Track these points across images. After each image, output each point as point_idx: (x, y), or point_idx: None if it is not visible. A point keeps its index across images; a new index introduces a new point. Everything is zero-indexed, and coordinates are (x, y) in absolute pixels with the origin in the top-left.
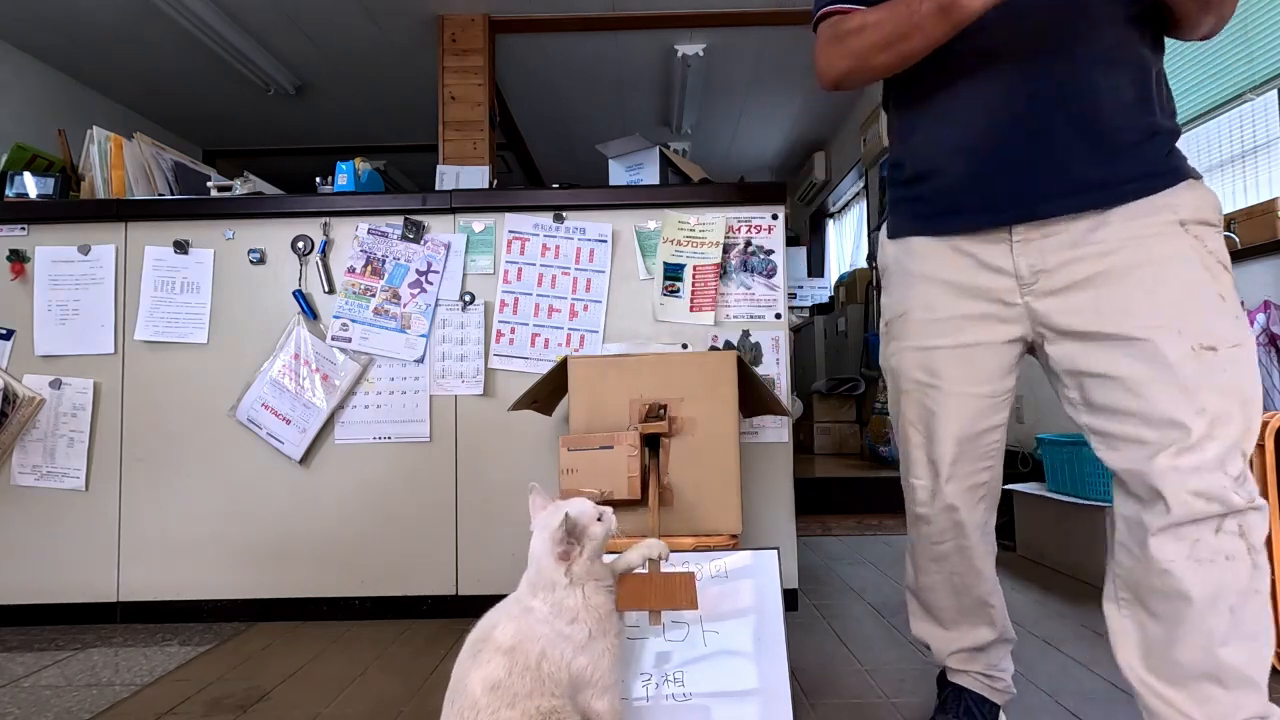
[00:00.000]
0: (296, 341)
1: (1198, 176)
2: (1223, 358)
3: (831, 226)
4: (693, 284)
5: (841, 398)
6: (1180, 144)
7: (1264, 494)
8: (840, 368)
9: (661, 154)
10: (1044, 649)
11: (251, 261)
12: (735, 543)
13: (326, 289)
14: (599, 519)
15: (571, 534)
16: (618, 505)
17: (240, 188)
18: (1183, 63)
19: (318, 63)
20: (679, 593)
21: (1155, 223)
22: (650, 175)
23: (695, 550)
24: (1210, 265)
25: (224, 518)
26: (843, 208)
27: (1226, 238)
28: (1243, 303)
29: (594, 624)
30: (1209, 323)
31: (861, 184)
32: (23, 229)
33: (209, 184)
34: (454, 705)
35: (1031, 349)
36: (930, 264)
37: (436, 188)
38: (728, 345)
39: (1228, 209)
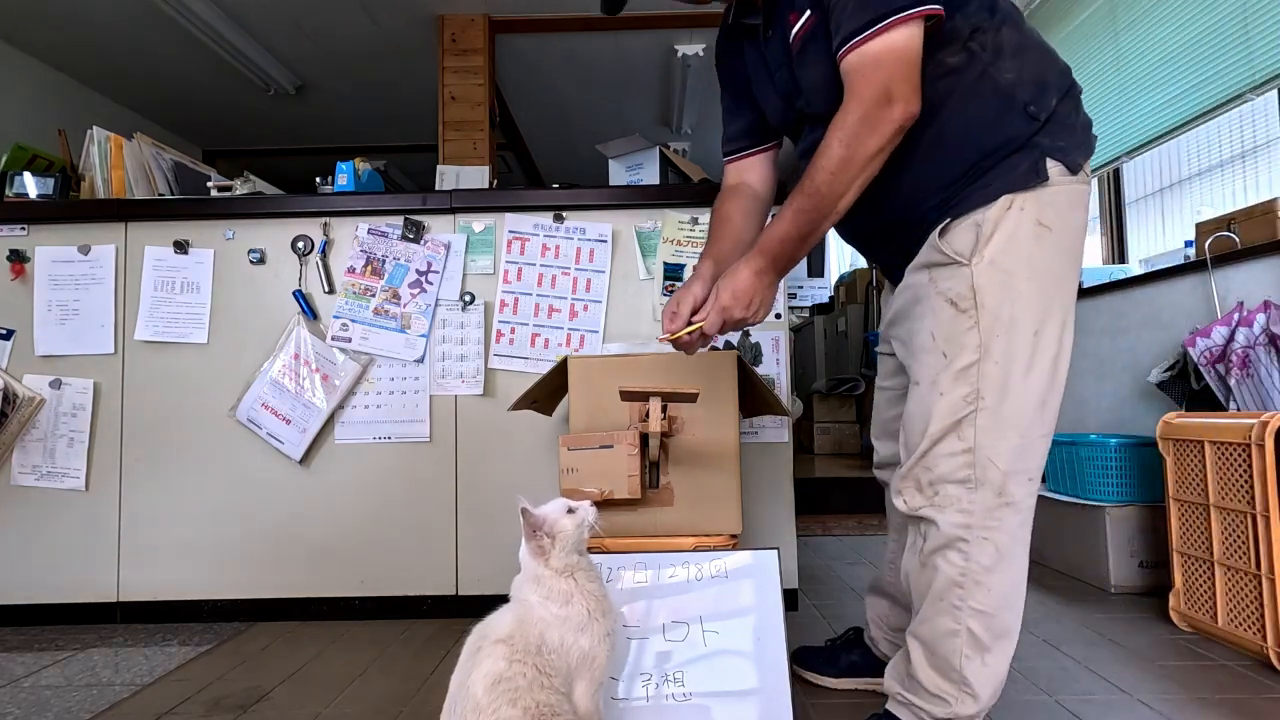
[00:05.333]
0: (296, 341)
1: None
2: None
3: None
4: None
5: (841, 398)
6: (1179, 144)
7: (1264, 493)
8: (840, 368)
9: (661, 154)
10: (1044, 649)
11: (251, 261)
12: (735, 543)
13: (326, 289)
14: (569, 511)
15: (537, 529)
16: (618, 505)
17: (240, 188)
18: (1183, 63)
19: (318, 63)
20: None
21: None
22: (650, 175)
23: (695, 550)
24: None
25: (224, 518)
26: None
27: (1226, 238)
28: (1242, 303)
29: (592, 605)
30: None
31: None
32: (23, 229)
33: (209, 184)
34: (455, 710)
35: None
36: None
37: (436, 188)
38: (728, 345)
39: (1228, 209)
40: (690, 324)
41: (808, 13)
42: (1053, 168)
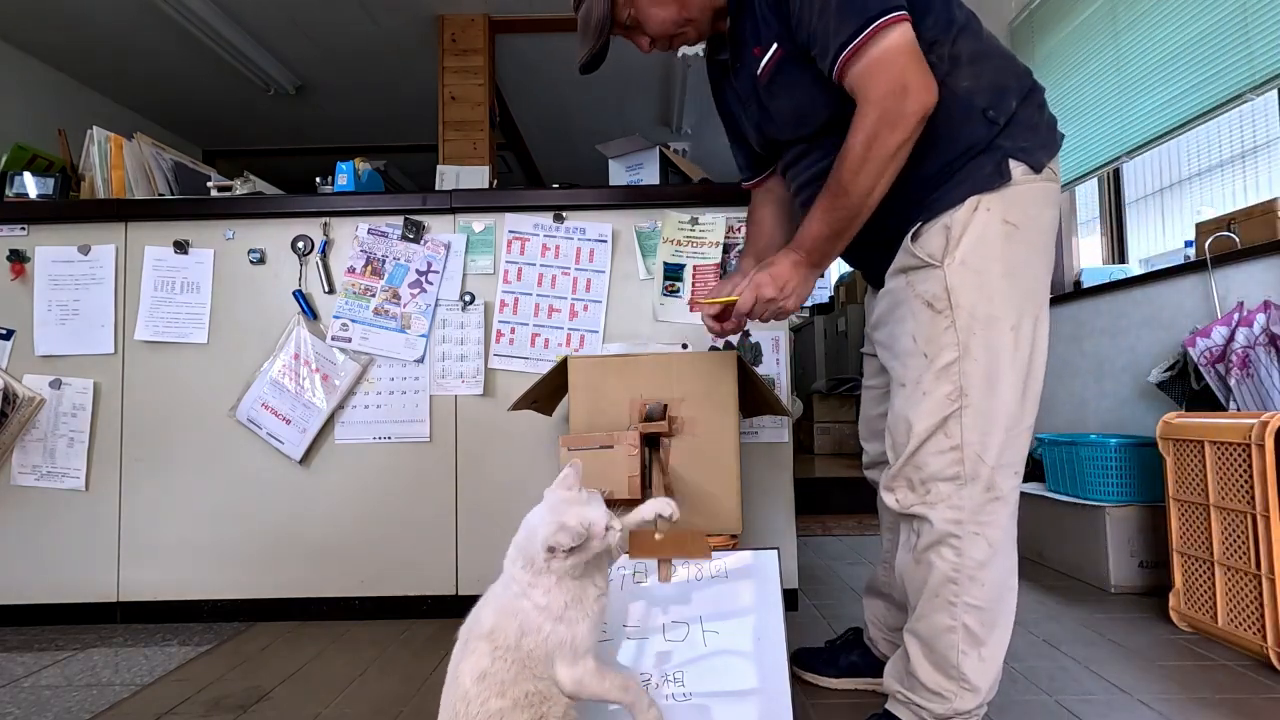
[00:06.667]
0: (296, 341)
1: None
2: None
3: None
4: (693, 284)
5: (841, 398)
6: (1179, 144)
7: (1264, 493)
8: (840, 368)
9: (661, 154)
10: (1044, 649)
11: (251, 261)
12: (735, 543)
13: (326, 289)
14: (605, 531)
15: (575, 541)
16: (618, 505)
17: (240, 188)
18: (1183, 63)
19: (318, 63)
20: (690, 544)
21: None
22: (650, 175)
23: None
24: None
25: (224, 518)
26: None
27: (1226, 238)
28: (1242, 303)
29: (568, 596)
30: None
31: None
32: (23, 229)
33: (209, 184)
34: (448, 697)
35: None
36: None
37: (436, 188)
38: (728, 345)
39: (1228, 209)
40: (727, 297)
41: (774, 46)
42: (1016, 168)
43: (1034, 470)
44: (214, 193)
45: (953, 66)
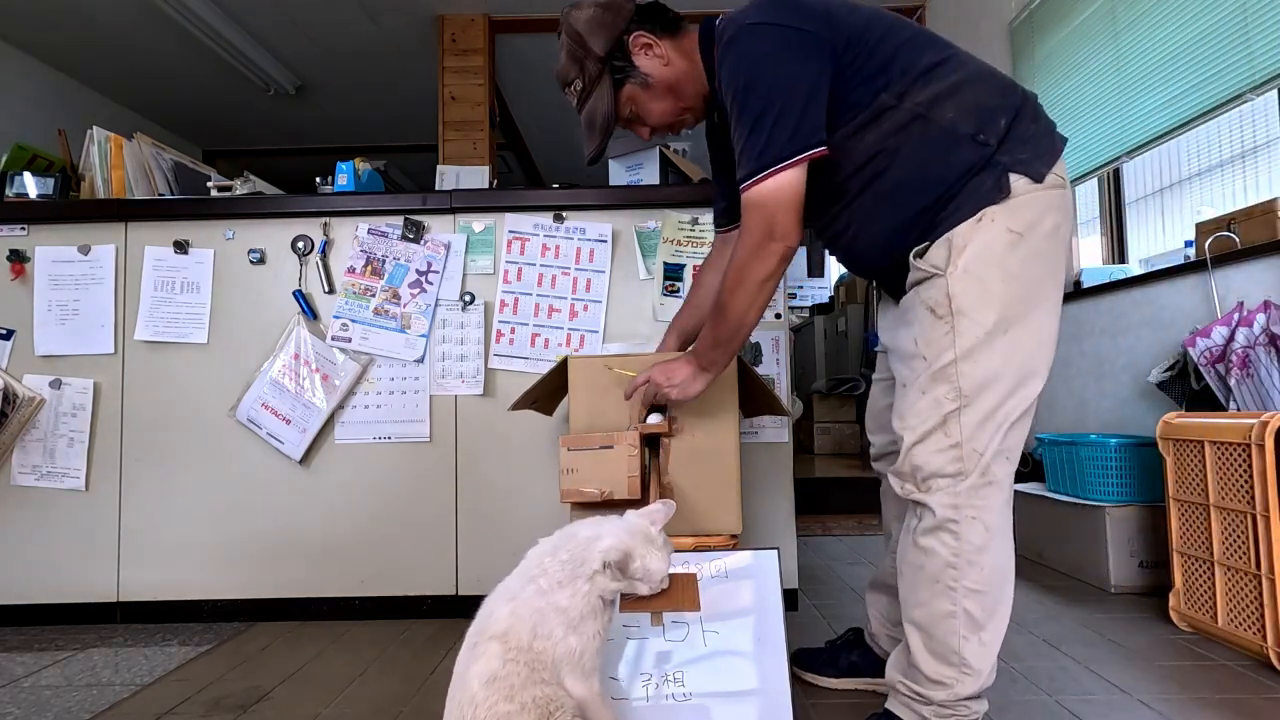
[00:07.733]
0: (296, 341)
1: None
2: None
3: None
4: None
5: (841, 398)
6: (1179, 144)
7: (1264, 494)
8: (840, 368)
9: (661, 154)
10: (1044, 649)
11: (251, 261)
12: (735, 543)
13: (326, 289)
14: (658, 583)
15: (623, 571)
16: (618, 505)
17: (240, 188)
18: (1183, 63)
19: (318, 63)
20: (681, 594)
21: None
22: (650, 175)
23: (695, 550)
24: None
25: (224, 518)
26: None
27: (1226, 238)
28: (1242, 303)
29: (588, 608)
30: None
31: None
32: (23, 229)
33: (209, 184)
34: (454, 700)
35: None
36: None
37: (436, 188)
38: None
39: (1228, 209)
40: (632, 372)
41: None
42: (1016, 181)
43: (1034, 470)
44: (214, 193)
45: (932, 103)
